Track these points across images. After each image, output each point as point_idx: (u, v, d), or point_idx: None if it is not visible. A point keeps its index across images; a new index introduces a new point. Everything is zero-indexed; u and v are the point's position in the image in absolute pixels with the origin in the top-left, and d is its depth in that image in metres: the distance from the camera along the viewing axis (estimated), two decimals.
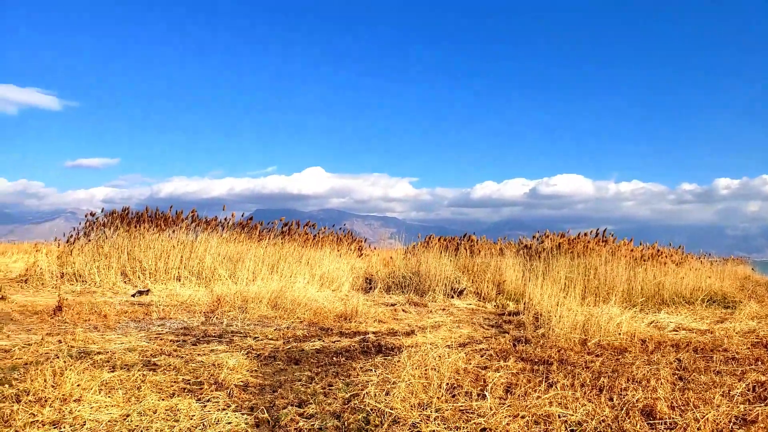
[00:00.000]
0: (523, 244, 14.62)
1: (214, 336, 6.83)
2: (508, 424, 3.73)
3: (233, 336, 6.85)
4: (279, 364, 5.49)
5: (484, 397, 4.32)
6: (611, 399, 4.35)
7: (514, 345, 6.53)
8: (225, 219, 14.65)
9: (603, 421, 3.86)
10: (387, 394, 4.30)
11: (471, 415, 3.92)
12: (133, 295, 10.59)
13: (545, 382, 4.73)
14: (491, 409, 4.01)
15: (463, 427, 3.68)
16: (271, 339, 6.74)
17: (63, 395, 3.85)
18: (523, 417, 3.86)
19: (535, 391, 4.45)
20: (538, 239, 14.53)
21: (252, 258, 13.26)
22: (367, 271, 14.17)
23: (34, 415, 3.52)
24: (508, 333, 7.57)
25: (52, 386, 4.02)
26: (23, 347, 5.64)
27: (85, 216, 14.40)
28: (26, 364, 4.96)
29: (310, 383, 4.79)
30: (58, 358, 5.02)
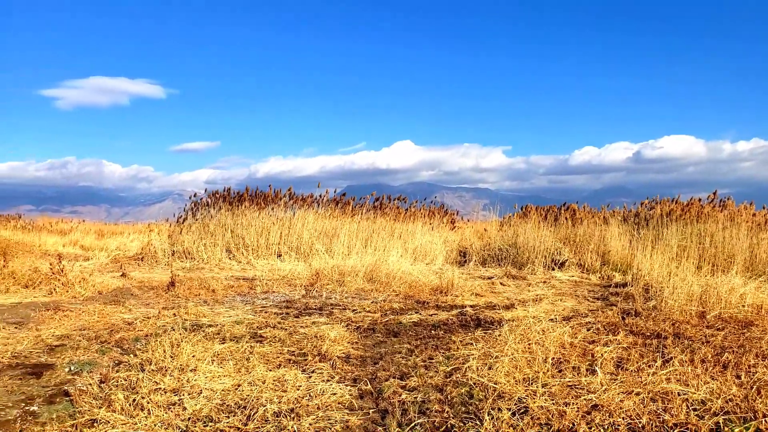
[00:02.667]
0: (630, 212, 13.77)
1: (315, 308, 7.02)
2: (621, 401, 3.49)
3: (333, 308, 7.00)
4: (378, 337, 5.53)
5: (593, 372, 4.09)
6: (738, 377, 3.97)
7: (623, 318, 6.15)
8: (320, 196, 15.03)
9: (730, 400, 3.51)
10: (490, 368, 4.18)
11: (580, 391, 3.72)
12: None
13: (660, 357, 4.40)
14: (602, 385, 3.78)
15: (573, 404, 3.49)
16: (369, 311, 6.81)
17: (180, 365, 4.09)
18: (638, 394, 3.60)
19: (650, 366, 4.15)
20: (647, 206, 13.61)
21: (346, 233, 13.51)
22: (461, 244, 13.99)
23: (156, 383, 3.76)
24: (616, 305, 7.16)
25: (170, 357, 4.29)
26: (143, 320, 6.08)
27: (189, 198, 15.34)
28: (147, 335, 5.34)
29: (410, 356, 4.77)
30: (174, 330, 5.36)
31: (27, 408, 3.47)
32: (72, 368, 4.30)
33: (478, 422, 3.32)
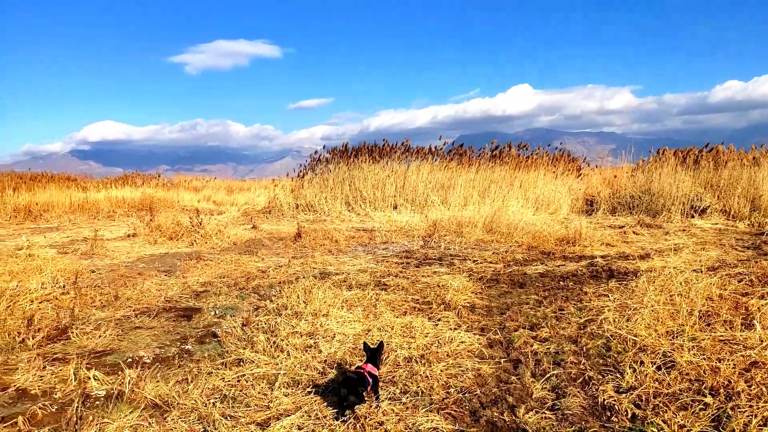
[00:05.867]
0: None
1: (435, 259, 7.01)
2: None
3: (453, 259, 6.95)
4: (503, 287, 5.40)
5: (750, 326, 3.68)
6: None
7: None
8: (435, 147, 14.88)
9: None
10: (628, 320, 3.92)
11: (735, 347, 3.37)
12: None
13: None
14: (761, 341, 3.39)
15: (728, 360, 3.17)
16: (491, 262, 6.68)
17: (313, 311, 4.27)
18: None
19: None
20: None
21: (462, 183, 13.31)
22: (587, 192, 13.24)
23: (293, 327, 3.96)
24: None
25: (304, 302, 4.49)
26: (275, 268, 6.43)
27: (310, 155, 15.93)
28: (280, 283, 5.65)
29: (539, 307, 4.61)
30: (304, 278, 5.62)
31: (182, 347, 3.82)
32: (216, 312, 4.65)
33: (618, 375, 3.14)
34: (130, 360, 3.54)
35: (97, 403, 2.90)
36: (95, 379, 3.14)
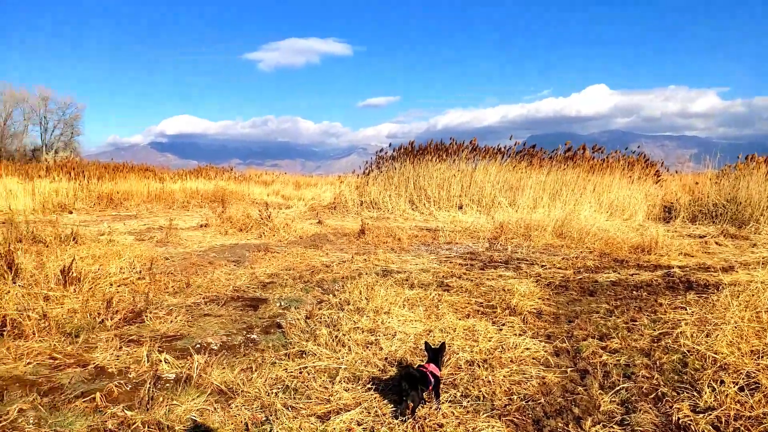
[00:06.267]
0: None
1: (500, 262, 6.86)
2: None
3: (519, 263, 6.78)
4: (572, 294, 5.20)
5: None
6: None
7: None
8: (505, 147, 14.57)
9: None
10: (707, 336, 3.68)
11: None
12: None
13: None
14: None
15: None
16: (560, 268, 6.46)
17: (375, 307, 4.27)
18: None
19: None
20: None
21: (532, 185, 12.97)
22: (665, 199, 12.57)
23: (354, 322, 3.98)
24: None
25: (366, 299, 4.50)
26: (339, 263, 6.50)
27: (376, 153, 16.02)
28: (343, 278, 5.70)
29: (610, 316, 4.40)
30: (367, 275, 5.64)
31: (248, 336, 3.92)
32: (282, 303, 4.75)
33: (695, 393, 2.94)
34: (198, 346, 3.66)
35: (167, 385, 3.02)
36: (166, 362, 3.28)
